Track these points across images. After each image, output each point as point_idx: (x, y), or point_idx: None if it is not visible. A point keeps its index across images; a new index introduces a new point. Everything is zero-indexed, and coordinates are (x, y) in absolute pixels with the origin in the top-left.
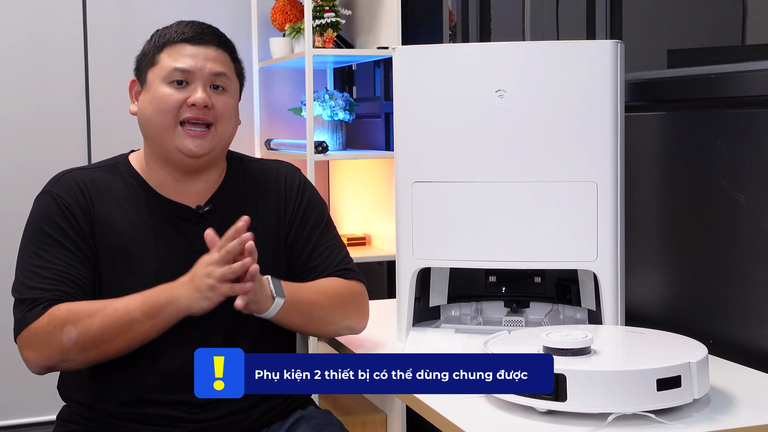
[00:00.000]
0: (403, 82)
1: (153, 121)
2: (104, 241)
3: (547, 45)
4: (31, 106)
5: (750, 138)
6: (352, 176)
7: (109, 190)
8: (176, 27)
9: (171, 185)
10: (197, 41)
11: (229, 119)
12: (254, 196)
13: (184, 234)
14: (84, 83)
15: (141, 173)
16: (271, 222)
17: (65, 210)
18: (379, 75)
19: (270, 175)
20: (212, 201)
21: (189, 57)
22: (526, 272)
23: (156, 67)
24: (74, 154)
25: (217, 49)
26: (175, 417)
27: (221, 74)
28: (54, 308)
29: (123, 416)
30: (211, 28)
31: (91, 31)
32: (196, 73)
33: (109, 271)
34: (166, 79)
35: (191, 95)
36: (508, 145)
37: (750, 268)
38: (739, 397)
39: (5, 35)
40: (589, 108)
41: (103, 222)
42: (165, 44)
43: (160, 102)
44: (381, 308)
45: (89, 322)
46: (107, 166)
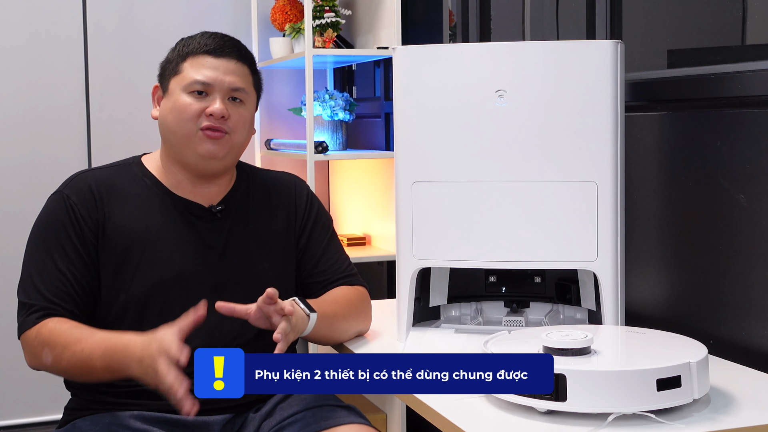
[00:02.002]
0: (403, 82)
1: (174, 128)
2: (115, 234)
3: (547, 45)
4: (31, 106)
5: (750, 138)
6: (352, 176)
7: (122, 188)
8: (200, 38)
9: (186, 186)
10: (218, 54)
11: (244, 130)
12: (263, 201)
13: (197, 230)
14: (84, 83)
15: (155, 174)
16: (280, 227)
17: (72, 212)
18: (379, 75)
19: (279, 183)
20: (224, 202)
21: (210, 69)
22: (526, 272)
23: (178, 76)
24: (74, 154)
25: (237, 63)
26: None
27: (239, 89)
28: (43, 324)
29: (137, 394)
30: (233, 41)
31: (91, 31)
32: (215, 85)
33: (122, 262)
34: (186, 89)
35: (210, 105)
36: (508, 145)
37: (750, 268)
38: (739, 397)
39: (5, 35)
40: (589, 108)
41: (114, 219)
42: (188, 54)
43: (180, 111)
44: (381, 308)
45: (61, 354)
46: (121, 165)
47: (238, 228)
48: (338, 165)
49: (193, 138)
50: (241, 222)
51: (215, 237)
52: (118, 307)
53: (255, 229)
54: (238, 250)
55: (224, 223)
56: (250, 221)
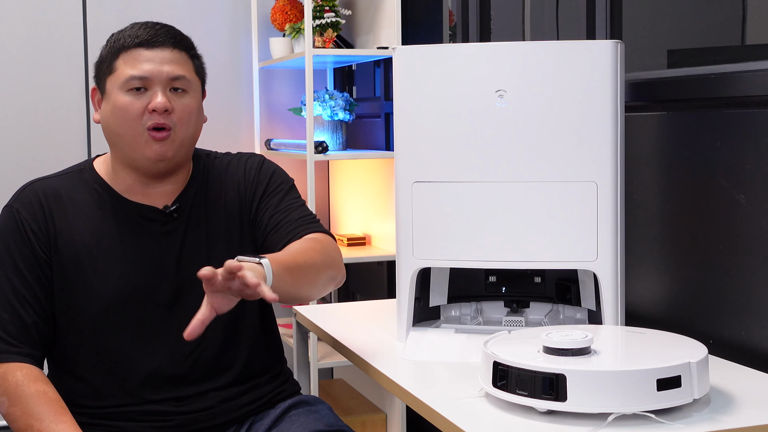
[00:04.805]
0: (403, 82)
1: (118, 131)
2: (67, 248)
3: (547, 45)
4: (31, 105)
5: (750, 138)
6: (352, 176)
7: (72, 199)
8: (130, 30)
9: (138, 189)
10: (152, 44)
11: (190, 121)
12: (218, 192)
13: (152, 234)
14: (84, 83)
15: (106, 179)
16: (234, 214)
17: (22, 227)
18: (379, 75)
19: (232, 167)
20: (178, 200)
21: (145, 62)
22: (526, 272)
23: (113, 75)
24: (74, 154)
25: (173, 50)
26: (161, 411)
27: (179, 77)
28: (7, 369)
29: (110, 416)
30: (165, 28)
31: (91, 31)
32: (153, 78)
33: (75, 278)
34: (124, 87)
35: (151, 100)
36: (508, 146)
37: (750, 268)
38: (739, 397)
39: (5, 35)
40: (589, 108)
41: (65, 232)
42: (120, 50)
43: (121, 111)
44: (381, 308)
45: (15, 416)
46: (72, 173)
47: (193, 228)
48: (338, 165)
49: (139, 140)
50: (195, 220)
51: (171, 241)
52: (75, 327)
53: (211, 225)
54: (196, 252)
55: (179, 225)
56: (206, 218)
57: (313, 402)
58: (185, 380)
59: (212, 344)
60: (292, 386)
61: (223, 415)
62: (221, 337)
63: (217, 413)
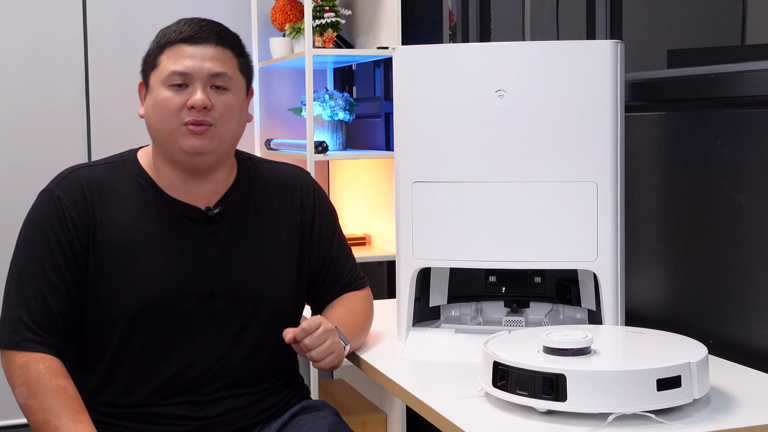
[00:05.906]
0: (403, 82)
1: (157, 125)
2: (107, 242)
3: (547, 45)
4: (31, 106)
5: (750, 138)
6: (352, 176)
7: (114, 190)
8: (175, 26)
9: (180, 186)
10: (195, 41)
11: (232, 118)
12: (266, 202)
13: (192, 236)
14: (84, 83)
15: (149, 172)
16: (283, 233)
17: (62, 215)
18: (379, 75)
19: (283, 181)
20: (222, 203)
21: (187, 58)
22: (526, 272)
23: (156, 70)
24: (74, 154)
25: (216, 47)
26: (177, 415)
27: (220, 74)
28: (31, 358)
29: (125, 416)
30: (211, 25)
31: (91, 31)
32: (193, 74)
33: (112, 274)
34: (165, 83)
35: (190, 97)
36: (508, 145)
37: (750, 268)
38: (739, 397)
39: (5, 35)
40: (589, 108)
41: (105, 224)
42: (165, 45)
43: (161, 106)
44: (381, 308)
45: (33, 408)
46: (115, 162)
47: (236, 234)
48: (338, 165)
49: (176, 134)
50: (239, 227)
51: (212, 244)
52: (106, 323)
53: (255, 235)
54: (236, 260)
55: (221, 228)
56: (250, 226)
57: (320, 407)
58: (208, 384)
59: (240, 352)
60: (303, 391)
61: (235, 423)
62: (250, 348)
63: (228, 421)
